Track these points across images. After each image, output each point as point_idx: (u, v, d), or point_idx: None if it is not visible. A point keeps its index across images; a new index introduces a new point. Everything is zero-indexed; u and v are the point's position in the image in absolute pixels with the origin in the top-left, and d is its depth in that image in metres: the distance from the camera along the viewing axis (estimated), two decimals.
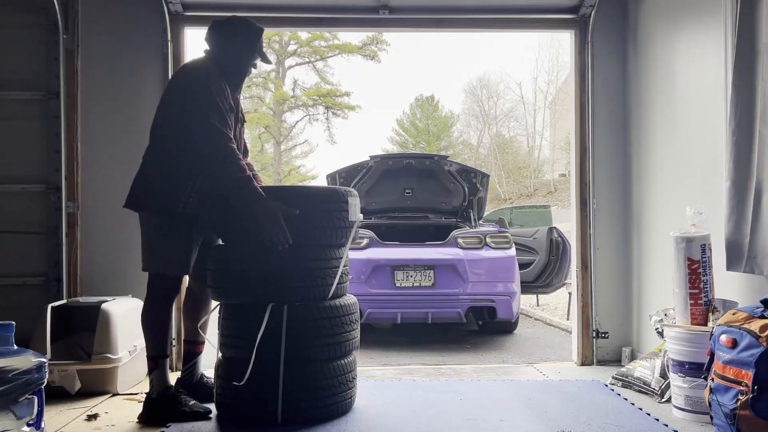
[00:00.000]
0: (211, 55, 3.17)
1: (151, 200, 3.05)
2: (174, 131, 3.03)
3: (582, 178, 4.35)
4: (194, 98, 2.95)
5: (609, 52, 4.35)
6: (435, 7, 4.37)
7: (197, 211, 3.04)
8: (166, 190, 3.01)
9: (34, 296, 3.97)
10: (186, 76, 3.09)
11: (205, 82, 2.96)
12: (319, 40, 29.69)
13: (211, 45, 3.18)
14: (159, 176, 3.04)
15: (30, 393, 2.30)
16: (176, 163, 3.02)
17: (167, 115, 3.07)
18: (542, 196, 30.43)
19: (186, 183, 3.01)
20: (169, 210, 3.01)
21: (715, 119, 3.32)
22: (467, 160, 32.19)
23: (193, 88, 2.98)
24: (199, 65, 3.10)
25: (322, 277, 2.99)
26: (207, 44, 3.20)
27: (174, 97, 3.07)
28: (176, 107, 3.03)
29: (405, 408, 3.21)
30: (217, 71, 3.05)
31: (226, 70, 3.10)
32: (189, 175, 3.01)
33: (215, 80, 2.99)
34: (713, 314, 3.06)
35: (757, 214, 2.90)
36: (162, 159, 3.06)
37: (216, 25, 3.19)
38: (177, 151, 3.02)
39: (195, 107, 2.94)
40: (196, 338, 3.34)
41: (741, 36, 2.99)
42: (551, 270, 6.60)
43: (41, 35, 4.08)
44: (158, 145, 3.10)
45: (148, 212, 3.08)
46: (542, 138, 35.01)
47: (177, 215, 3.01)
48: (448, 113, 38.85)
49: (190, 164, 3.00)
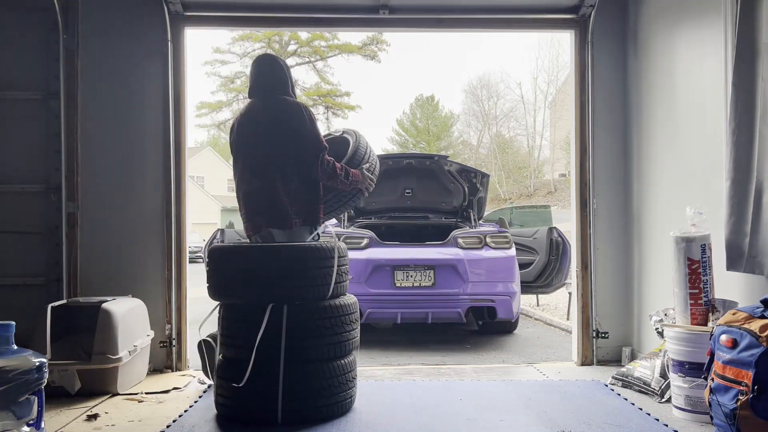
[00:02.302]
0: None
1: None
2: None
3: (582, 178, 4.35)
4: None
5: (609, 52, 4.35)
6: (435, 7, 4.37)
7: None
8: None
9: (34, 296, 3.97)
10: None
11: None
12: (319, 40, 29.72)
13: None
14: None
15: (30, 393, 2.31)
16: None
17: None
18: (542, 196, 30.44)
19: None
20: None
21: (715, 119, 3.32)
22: (467, 160, 32.19)
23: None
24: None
25: (321, 276, 2.99)
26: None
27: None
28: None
29: (405, 408, 3.21)
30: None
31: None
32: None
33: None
34: (713, 314, 3.06)
35: (757, 214, 2.90)
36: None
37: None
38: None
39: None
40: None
41: (741, 36, 2.99)
42: (551, 270, 6.59)
43: (41, 35, 4.08)
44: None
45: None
46: (542, 138, 35.04)
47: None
48: (448, 113, 38.89)
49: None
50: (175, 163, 4.19)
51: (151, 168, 4.18)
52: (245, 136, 3.58)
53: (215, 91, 37.09)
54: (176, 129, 4.21)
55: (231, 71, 31.23)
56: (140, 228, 4.17)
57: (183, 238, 4.23)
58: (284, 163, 3.46)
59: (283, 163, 3.46)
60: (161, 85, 4.18)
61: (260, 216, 3.45)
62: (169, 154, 4.17)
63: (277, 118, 3.50)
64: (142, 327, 3.92)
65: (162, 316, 4.13)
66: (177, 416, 3.12)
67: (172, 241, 4.16)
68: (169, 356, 4.14)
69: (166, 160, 4.18)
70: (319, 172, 3.47)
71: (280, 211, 3.42)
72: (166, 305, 4.14)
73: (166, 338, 4.13)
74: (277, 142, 3.47)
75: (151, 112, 4.20)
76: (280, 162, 3.45)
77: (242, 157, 3.58)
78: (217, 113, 31.56)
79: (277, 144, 3.47)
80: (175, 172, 4.19)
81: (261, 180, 3.45)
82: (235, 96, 31.14)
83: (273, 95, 3.59)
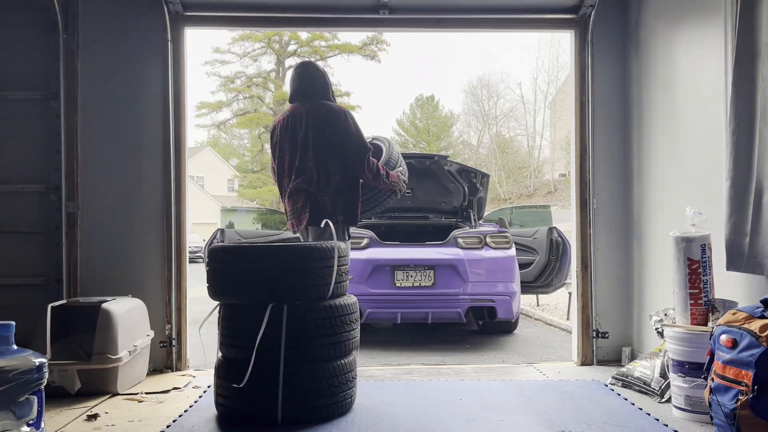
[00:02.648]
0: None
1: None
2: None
3: (582, 178, 4.35)
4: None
5: (609, 52, 4.35)
6: (435, 7, 4.37)
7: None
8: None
9: (34, 296, 3.97)
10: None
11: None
12: (319, 40, 29.72)
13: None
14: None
15: (30, 393, 2.30)
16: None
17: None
18: (542, 196, 30.45)
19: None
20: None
21: (715, 119, 3.32)
22: (467, 160, 32.19)
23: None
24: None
25: (321, 276, 2.99)
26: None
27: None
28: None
29: (405, 408, 3.21)
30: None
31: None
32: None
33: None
34: (713, 314, 3.06)
35: (757, 214, 2.90)
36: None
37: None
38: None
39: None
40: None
41: (741, 36, 2.98)
42: (551, 270, 6.59)
43: (41, 35, 4.08)
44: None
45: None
46: (542, 138, 35.04)
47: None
48: (448, 113, 38.88)
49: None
50: (175, 163, 4.19)
51: (151, 168, 4.18)
52: (288, 138, 3.79)
53: (215, 91, 37.13)
54: (176, 129, 4.21)
55: (231, 71, 31.30)
56: (140, 228, 4.17)
57: (183, 238, 4.23)
58: (327, 164, 3.69)
59: (326, 163, 3.69)
60: (161, 84, 4.18)
61: (302, 214, 3.71)
62: (169, 154, 4.17)
63: (321, 121, 3.73)
64: (142, 327, 3.92)
65: (162, 316, 4.13)
66: (177, 416, 3.12)
67: (172, 241, 4.16)
68: (169, 356, 4.14)
69: (166, 160, 4.18)
70: (366, 172, 3.73)
71: (321, 210, 3.66)
72: (166, 305, 4.14)
73: (166, 338, 4.13)
74: (322, 144, 3.70)
75: (151, 112, 4.20)
76: (323, 163, 3.69)
77: (286, 158, 3.81)
78: (217, 113, 31.57)
79: (321, 146, 3.70)
80: (175, 172, 4.19)
81: (304, 180, 3.70)
82: (235, 96, 31.14)
83: (314, 100, 3.81)
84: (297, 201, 3.77)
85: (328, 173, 3.70)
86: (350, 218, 3.77)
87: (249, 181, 33.12)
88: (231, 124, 32.78)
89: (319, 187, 3.69)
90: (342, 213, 3.72)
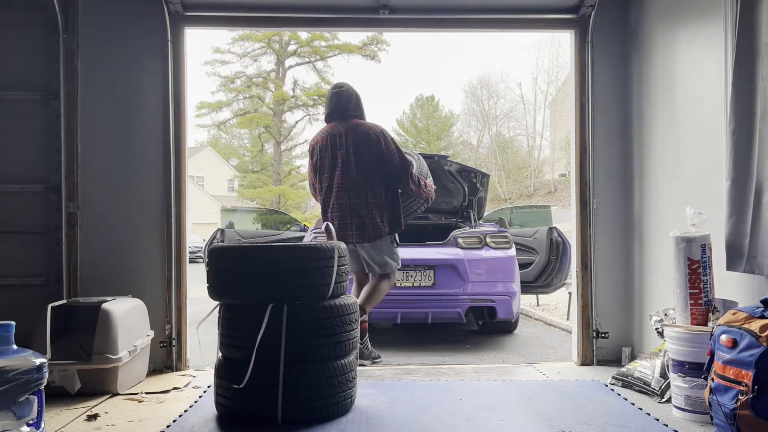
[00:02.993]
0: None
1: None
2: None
3: (582, 178, 4.35)
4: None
5: (609, 52, 4.35)
6: (435, 7, 4.36)
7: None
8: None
9: (34, 296, 3.96)
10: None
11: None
12: (319, 40, 29.71)
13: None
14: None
15: (30, 393, 2.30)
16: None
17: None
18: (542, 196, 30.46)
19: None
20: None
21: (715, 119, 3.32)
22: (467, 160, 32.20)
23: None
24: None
25: (321, 276, 3.00)
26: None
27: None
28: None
29: (405, 408, 3.20)
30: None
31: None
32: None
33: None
34: (713, 314, 3.06)
35: (757, 214, 2.90)
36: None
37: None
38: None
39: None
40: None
41: (741, 36, 2.99)
42: (551, 270, 6.59)
43: (41, 35, 4.08)
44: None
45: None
46: (542, 138, 35.07)
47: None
48: (448, 113, 38.90)
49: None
50: (175, 163, 4.19)
51: (151, 168, 4.18)
52: (329, 156, 4.21)
53: (215, 91, 37.09)
54: (176, 129, 4.21)
55: (231, 71, 31.27)
56: (140, 228, 4.17)
57: (183, 238, 4.23)
58: (372, 180, 4.13)
59: (371, 179, 4.13)
60: (161, 85, 4.18)
61: (349, 231, 4.16)
62: (169, 154, 4.17)
63: (361, 140, 4.16)
64: (142, 327, 3.92)
65: (162, 316, 4.13)
66: (177, 416, 3.12)
67: (172, 241, 4.16)
68: (169, 356, 4.14)
69: (166, 160, 4.17)
70: (411, 184, 4.22)
71: (368, 226, 4.15)
72: (166, 305, 4.14)
73: (166, 338, 4.13)
74: (366, 161, 4.13)
75: (151, 112, 4.20)
76: (368, 179, 4.12)
77: (326, 176, 4.23)
78: (217, 113, 31.55)
79: (364, 163, 4.12)
80: (175, 172, 4.19)
81: (353, 197, 4.13)
82: (235, 96, 31.13)
83: (350, 119, 4.25)
84: (344, 217, 4.18)
85: (374, 189, 4.12)
86: (396, 227, 4.29)
87: (249, 181, 33.13)
88: (231, 124, 32.79)
89: (367, 203, 4.11)
90: (389, 224, 4.22)
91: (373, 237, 4.17)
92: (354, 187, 4.13)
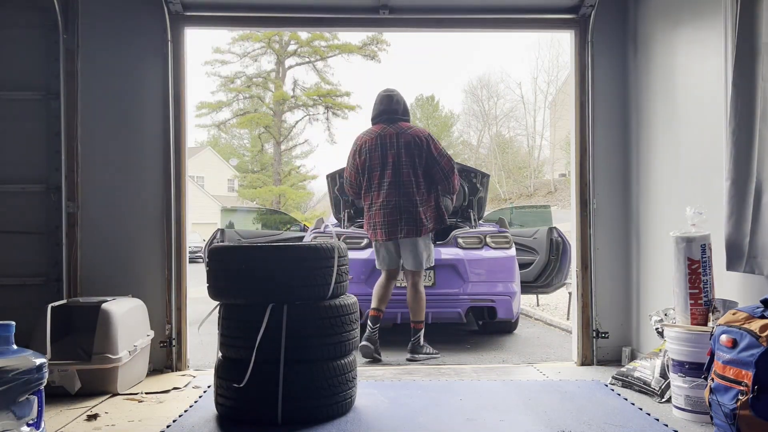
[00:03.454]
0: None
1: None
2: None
3: (582, 178, 4.35)
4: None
5: (609, 52, 4.35)
6: (435, 7, 4.37)
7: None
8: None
9: (34, 296, 3.97)
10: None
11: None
12: (319, 40, 29.71)
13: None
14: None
15: (30, 393, 2.30)
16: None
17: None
18: (542, 196, 30.46)
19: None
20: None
21: (715, 119, 3.32)
22: (467, 160, 32.20)
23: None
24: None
25: (321, 276, 2.99)
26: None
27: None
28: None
29: (405, 408, 3.21)
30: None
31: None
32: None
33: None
34: (713, 314, 3.06)
35: (757, 214, 2.90)
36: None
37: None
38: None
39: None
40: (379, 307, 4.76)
41: (741, 36, 2.98)
42: (551, 270, 6.59)
43: (41, 35, 4.08)
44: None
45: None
46: (542, 138, 35.07)
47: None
48: (448, 113, 38.91)
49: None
50: (175, 163, 4.19)
51: (151, 168, 4.18)
52: (378, 156, 4.51)
53: (215, 91, 37.01)
54: (176, 129, 4.21)
55: (231, 71, 31.24)
56: (140, 228, 4.17)
57: (183, 238, 4.23)
58: (419, 179, 4.47)
59: (419, 179, 4.46)
60: (161, 85, 4.18)
61: (398, 226, 4.47)
62: (169, 154, 4.17)
63: (413, 141, 4.50)
64: (142, 327, 3.92)
65: (162, 316, 4.13)
66: (177, 416, 3.12)
67: (172, 241, 4.16)
68: (169, 356, 4.14)
69: (166, 160, 4.18)
70: (455, 181, 4.66)
71: (417, 222, 4.48)
72: (166, 305, 4.14)
73: (166, 338, 4.13)
74: (415, 162, 4.46)
75: (151, 112, 4.20)
76: (417, 179, 4.45)
77: (376, 174, 4.52)
78: (217, 113, 31.54)
79: (414, 164, 4.46)
80: (175, 172, 4.19)
81: (402, 195, 4.44)
82: (235, 96, 31.13)
83: (398, 122, 4.59)
84: (393, 214, 4.49)
85: (420, 188, 4.46)
86: (440, 223, 4.64)
87: (249, 181, 33.12)
88: (231, 124, 32.78)
89: (415, 201, 4.45)
90: (433, 221, 4.59)
91: (420, 233, 4.52)
92: (404, 185, 4.46)
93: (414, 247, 4.59)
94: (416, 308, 4.74)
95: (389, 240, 4.54)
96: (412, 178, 4.47)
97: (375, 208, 4.55)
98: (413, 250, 4.61)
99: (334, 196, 6.25)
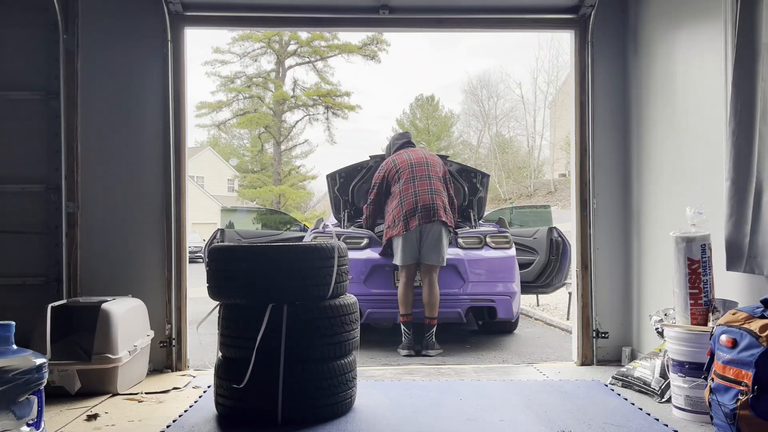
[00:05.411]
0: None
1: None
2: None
3: (582, 178, 4.35)
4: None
5: (609, 52, 4.35)
6: (435, 7, 4.37)
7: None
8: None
9: (34, 296, 3.97)
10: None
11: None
12: (319, 40, 29.72)
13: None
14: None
15: (30, 393, 2.30)
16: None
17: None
18: (542, 196, 30.44)
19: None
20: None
21: (715, 119, 3.32)
22: (467, 160, 32.19)
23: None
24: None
25: (321, 276, 2.99)
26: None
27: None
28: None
29: (405, 408, 3.21)
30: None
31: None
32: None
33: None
34: (713, 314, 3.06)
35: (757, 214, 2.90)
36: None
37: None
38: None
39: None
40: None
41: (741, 36, 2.99)
42: (551, 270, 6.59)
43: (41, 35, 4.08)
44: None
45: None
46: (542, 138, 35.04)
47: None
48: (448, 113, 38.90)
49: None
50: (175, 163, 4.19)
51: (151, 168, 4.18)
52: (409, 172, 5.19)
53: (215, 91, 37.00)
54: (176, 129, 4.21)
55: (231, 71, 31.22)
56: (140, 228, 4.17)
57: (183, 238, 4.23)
58: (440, 188, 5.17)
59: (439, 188, 5.17)
60: (161, 85, 4.18)
61: (434, 209, 5.04)
62: (169, 154, 4.17)
63: (432, 161, 5.32)
64: (142, 327, 3.92)
65: (162, 316, 4.13)
66: (177, 416, 3.12)
67: (172, 241, 4.16)
68: (169, 356, 4.14)
69: (166, 160, 4.18)
70: (454, 214, 5.33)
71: (447, 213, 5.11)
72: (166, 305, 4.14)
73: (166, 338, 4.13)
74: (440, 175, 5.27)
75: (151, 112, 4.20)
76: (438, 187, 5.16)
77: (410, 185, 5.13)
78: (217, 113, 31.54)
79: (435, 177, 5.21)
80: (175, 172, 4.19)
81: (431, 197, 5.08)
82: (235, 96, 31.13)
83: (414, 148, 5.54)
84: (429, 200, 5.06)
85: (443, 197, 5.15)
86: (456, 227, 5.35)
87: (249, 181, 33.12)
88: (231, 124, 32.77)
89: (444, 200, 5.15)
90: (452, 223, 5.20)
91: (448, 221, 5.09)
92: (433, 192, 5.11)
93: (439, 238, 5.03)
94: (432, 304, 5.05)
95: (426, 222, 4.97)
96: (441, 185, 5.20)
97: (407, 199, 5.05)
98: (437, 243, 5.02)
99: (334, 196, 6.25)
